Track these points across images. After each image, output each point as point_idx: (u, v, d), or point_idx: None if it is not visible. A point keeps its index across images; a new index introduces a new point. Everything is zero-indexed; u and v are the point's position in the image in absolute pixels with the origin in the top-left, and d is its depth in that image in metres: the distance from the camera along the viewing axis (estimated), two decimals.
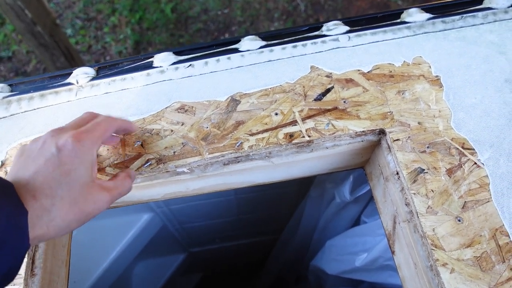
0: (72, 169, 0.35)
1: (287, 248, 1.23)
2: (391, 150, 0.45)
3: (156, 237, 1.05)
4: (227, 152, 0.46)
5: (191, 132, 0.48)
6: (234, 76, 0.52)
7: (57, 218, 0.33)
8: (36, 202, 0.33)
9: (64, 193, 0.34)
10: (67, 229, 0.35)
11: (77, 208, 0.35)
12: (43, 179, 0.34)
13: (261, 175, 0.52)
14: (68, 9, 2.49)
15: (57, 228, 0.34)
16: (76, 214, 0.35)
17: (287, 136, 0.47)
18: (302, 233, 1.06)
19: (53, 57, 1.85)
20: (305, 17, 2.61)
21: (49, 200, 0.33)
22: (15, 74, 2.36)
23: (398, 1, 2.60)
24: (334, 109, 0.48)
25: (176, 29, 2.50)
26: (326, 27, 0.55)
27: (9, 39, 2.41)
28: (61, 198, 0.34)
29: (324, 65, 0.51)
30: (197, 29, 2.50)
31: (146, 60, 0.54)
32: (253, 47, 0.54)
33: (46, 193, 0.33)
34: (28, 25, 1.67)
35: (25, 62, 2.39)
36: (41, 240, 0.33)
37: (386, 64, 0.51)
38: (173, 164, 0.46)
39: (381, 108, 0.48)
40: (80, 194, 0.35)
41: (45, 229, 0.33)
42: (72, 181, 0.35)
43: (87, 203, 0.35)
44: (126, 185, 0.41)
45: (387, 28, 0.54)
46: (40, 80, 0.55)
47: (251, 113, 0.49)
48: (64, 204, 0.34)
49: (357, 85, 0.50)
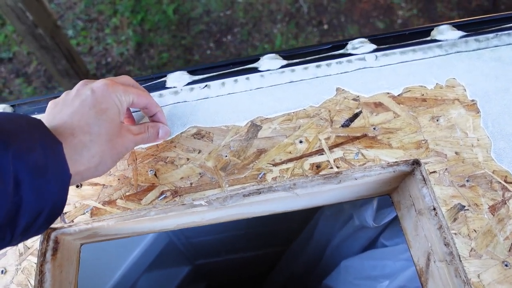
0: (108, 107, 0.37)
1: (296, 261, 1.20)
2: (427, 183, 0.42)
3: (162, 252, 1.01)
4: (248, 184, 0.43)
5: (209, 161, 0.44)
6: (254, 99, 0.48)
7: (96, 154, 0.35)
8: (75, 138, 0.34)
9: (102, 130, 0.35)
10: (105, 167, 0.36)
11: (111, 144, 0.36)
12: (80, 117, 0.35)
13: (282, 205, 0.49)
14: (69, 10, 2.45)
15: (98, 164, 0.35)
16: (111, 150, 0.36)
17: (314, 167, 0.43)
18: (313, 247, 1.03)
19: (54, 59, 1.81)
20: (308, 19, 2.58)
21: (87, 136, 0.34)
22: (16, 75, 2.32)
23: (401, 3, 2.57)
24: (363, 137, 0.44)
25: (178, 31, 2.47)
26: (351, 45, 0.51)
27: (10, 40, 2.37)
28: (98, 134, 0.35)
29: (350, 87, 0.48)
30: (199, 30, 2.46)
31: (158, 79, 0.51)
32: (273, 66, 0.50)
33: (84, 130, 0.34)
34: (29, 27, 1.63)
35: (26, 63, 2.35)
36: (83, 177, 0.35)
37: (418, 86, 0.47)
38: (190, 197, 0.43)
39: (414, 136, 0.44)
40: (113, 131, 0.37)
41: (87, 164, 0.34)
42: (108, 118, 0.36)
43: (119, 142, 0.37)
44: (152, 132, 0.43)
45: (417, 47, 0.50)
46: (44, 101, 0.51)
47: (273, 140, 0.45)
48: (101, 140, 0.35)
49: (387, 109, 0.46)
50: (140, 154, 0.46)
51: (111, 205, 0.43)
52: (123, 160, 0.45)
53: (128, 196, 0.43)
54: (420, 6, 2.46)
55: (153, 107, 0.44)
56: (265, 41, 2.51)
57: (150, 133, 0.42)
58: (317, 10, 2.65)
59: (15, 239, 0.31)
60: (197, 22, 2.54)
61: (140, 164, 0.45)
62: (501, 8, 2.30)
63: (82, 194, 0.44)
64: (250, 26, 2.58)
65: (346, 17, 2.58)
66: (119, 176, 0.45)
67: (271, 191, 0.44)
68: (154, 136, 0.43)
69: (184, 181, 0.44)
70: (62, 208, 0.33)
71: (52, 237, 0.44)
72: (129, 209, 0.43)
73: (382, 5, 2.63)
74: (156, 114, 0.45)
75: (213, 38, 2.48)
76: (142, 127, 0.42)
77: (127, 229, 0.48)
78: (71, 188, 0.44)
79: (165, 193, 0.43)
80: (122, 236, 0.50)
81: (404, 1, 2.53)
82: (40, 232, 0.33)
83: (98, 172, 0.37)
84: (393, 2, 2.63)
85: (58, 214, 0.33)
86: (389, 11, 2.56)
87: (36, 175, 0.30)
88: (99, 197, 0.44)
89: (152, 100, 0.44)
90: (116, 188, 0.44)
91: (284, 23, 2.58)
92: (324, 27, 2.58)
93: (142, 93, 0.42)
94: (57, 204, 0.32)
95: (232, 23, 2.57)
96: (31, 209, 0.30)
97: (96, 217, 0.43)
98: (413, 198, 0.46)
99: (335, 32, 2.55)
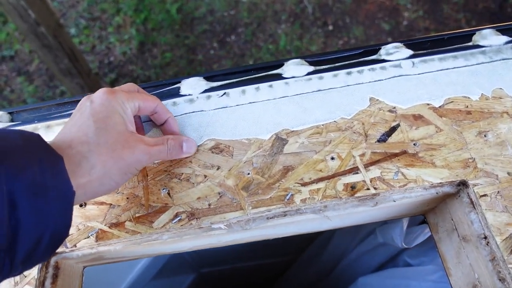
0: (107, 116, 0.34)
1: (306, 271, 1.15)
2: (477, 207, 0.37)
3: (168, 260, 0.97)
4: (274, 207, 0.38)
5: (229, 178, 0.40)
6: (278, 109, 0.43)
7: (97, 165, 0.32)
8: (72, 149, 0.31)
9: (101, 139, 0.33)
10: (111, 181, 0.33)
11: (115, 154, 0.33)
12: (78, 128, 0.33)
13: (308, 226, 0.44)
14: (72, 8, 2.41)
15: (100, 176, 0.32)
16: (116, 161, 0.33)
17: (348, 188, 0.38)
18: (326, 259, 0.98)
19: (56, 58, 1.77)
20: (313, 20, 2.53)
21: (85, 146, 0.32)
22: (17, 73, 2.28)
23: (407, 5, 2.52)
24: (402, 154, 0.40)
25: (181, 30, 2.42)
26: (385, 50, 0.46)
27: (12, 38, 2.33)
28: (97, 144, 0.32)
29: (385, 97, 0.43)
30: (202, 30, 2.42)
31: (171, 86, 0.46)
32: (299, 73, 0.45)
33: (82, 140, 0.32)
34: (31, 25, 1.59)
35: (28, 62, 2.31)
36: (87, 193, 0.32)
37: (461, 97, 0.43)
38: (208, 220, 0.38)
39: (460, 154, 0.39)
40: (117, 140, 0.33)
41: (88, 177, 0.31)
42: (108, 127, 0.34)
43: (125, 151, 0.33)
44: (173, 145, 0.38)
45: (458, 53, 0.46)
46: (46, 107, 0.46)
47: (301, 156, 0.40)
48: (101, 149, 0.32)
49: (428, 123, 0.41)
50: (151, 170, 0.41)
51: (119, 227, 0.38)
52: (133, 176, 0.41)
53: (138, 218, 0.39)
54: (426, 8, 2.42)
55: (163, 112, 0.40)
56: (269, 42, 2.47)
57: (170, 146, 0.37)
58: (322, 11, 2.60)
59: (16, 269, 0.27)
60: (200, 21, 2.50)
61: (151, 181, 0.40)
62: (508, 11, 2.25)
63: (87, 214, 0.39)
64: (254, 26, 2.54)
65: (351, 18, 2.53)
66: (128, 194, 0.40)
67: (299, 213, 0.39)
68: (177, 149, 0.39)
69: (201, 201, 0.39)
70: (67, 230, 0.29)
71: (52, 263, 0.39)
72: (139, 233, 0.38)
73: (388, 6, 2.58)
74: (167, 120, 0.41)
75: (216, 38, 2.44)
76: (160, 139, 0.37)
77: (136, 252, 0.43)
78: (75, 208, 0.40)
79: (180, 215, 0.38)
80: (130, 258, 0.45)
81: (410, 3, 2.49)
82: (44, 259, 0.30)
83: (104, 187, 0.33)
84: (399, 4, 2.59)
85: (63, 236, 0.30)
86: (395, 12, 2.51)
87: (34, 194, 0.27)
88: (105, 218, 0.39)
89: (161, 104, 0.40)
90: (125, 208, 0.39)
91: (289, 24, 2.53)
92: (329, 28, 2.53)
93: (148, 97, 0.39)
94: (59, 226, 0.28)
95: (236, 23, 2.52)
96: (31, 233, 0.27)
97: (102, 242, 0.38)
98: (456, 222, 0.41)
99: (340, 33, 2.51)
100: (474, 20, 2.22)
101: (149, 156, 0.35)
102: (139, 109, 0.38)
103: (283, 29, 2.49)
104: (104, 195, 0.35)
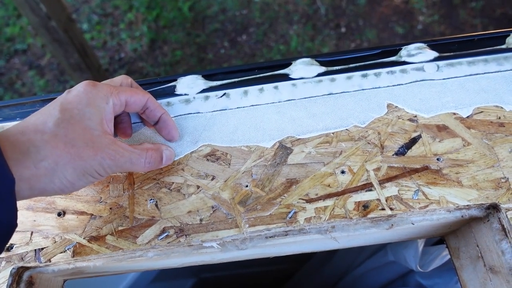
0: (76, 108, 0.30)
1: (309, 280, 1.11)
2: (509, 235, 0.32)
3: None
4: (274, 226, 0.33)
5: (224, 191, 0.35)
6: (283, 113, 0.39)
7: (48, 157, 0.28)
8: (23, 136, 0.28)
9: (60, 131, 0.29)
10: (64, 180, 0.29)
11: (74, 150, 0.29)
12: (39, 116, 0.30)
13: (311, 246, 0.39)
14: (85, 3, 2.41)
15: (50, 171, 0.28)
16: (73, 159, 0.28)
17: (360, 207, 0.33)
18: (330, 271, 0.93)
19: (66, 53, 1.76)
20: (325, 22, 2.48)
21: (39, 135, 0.28)
22: (29, 67, 2.28)
23: (422, 9, 2.45)
24: (424, 170, 0.35)
25: (193, 28, 2.40)
26: (406, 51, 0.41)
27: (25, 32, 2.33)
28: (54, 135, 0.28)
29: (405, 104, 0.38)
30: (214, 29, 2.39)
31: (166, 84, 0.42)
32: (308, 74, 0.40)
33: (38, 128, 0.29)
34: (43, 19, 1.59)
35: (40, 56, 2.31)
36: (32, 188, 0.28)
37: (492, 106, 0.37)
38: (198, 238, 0.33)
39: (491, 172, 0.34)
40: (80, 136, 0.29)
41: (33, 169, 0.27)
42: (73, 120, 0.30)
43: (87, 150, 0.29)
44: (154, 156, 0.33)
45: (489, 57, 0.40)
46: (29, 104, 0.42)
47: (307, 168, 0.35)
48: (58, 142, 0.28)
49: (454, 135, 0.36)
50: (139, 178, 0.36)
51: (99, 242, 0.34)
52: (118, 184, 0.36)
53: (121, 232, 0.34)
54: (442, 12, 2.35)
55: (155, 108, 0.35)
56: (281, 42, 2.43)
57: (148, 158, 0.33)
58: (335, 13, 2.55)
59: None
60: (212, 20, 2.48)
61: (138, 190, 0.36)
62: None
63: (65, 225, 0.35)
64: (266, 26, 2.50)
65: (365, 20, 2.47)
66: (111, 204, 0.35)
67: (302, 233, 0.34)
68: (157, 162, 0.34)
69: (192, 216, 0.34)
70: (11, 224, 0.26)
71: (25, 278, 0.35)
72: (121, 249, 0.34)
73: (402, 9, 2.52)
74: (161, 117, 0.36)
75: (227, 37, 2.41)
76: (138, 149, 0.33)
77: (120, 267, 0.39)
78: (52, 217, 0.35)
79: (167, 230, 0.34)
80: (113, 273, 0.41)
81: (425, 7, 2.42)
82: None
83: (55, 185, 0.28)
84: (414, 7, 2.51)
85: (7, 232, 0.26)
86: (409, 16, 2.44)
87: None
88: (84, 230, 0.35)
89: (152, 98, 0.35)
90: (107, 220, 0.35)
91: (301, 25, 2.48)
92: (342, 30, 2.48)
93: (138, 91, 0.34)
94: (3, 216, 0.25)
95: (247, 22, 2.49)
96: None
97: (79, 257, 0.34)
98: (483, 249, 0.36)
99: (352, 36, 2.45)
100: (491, 26, 2.15)
101: (116, 164, 0.31)
102: (127, 105, 0.33)
103: (295, 30, 2.44)
104: (57, 195, 0.31)
